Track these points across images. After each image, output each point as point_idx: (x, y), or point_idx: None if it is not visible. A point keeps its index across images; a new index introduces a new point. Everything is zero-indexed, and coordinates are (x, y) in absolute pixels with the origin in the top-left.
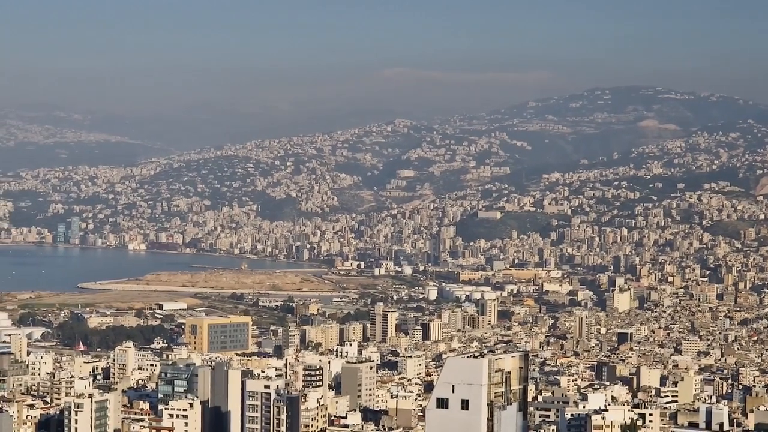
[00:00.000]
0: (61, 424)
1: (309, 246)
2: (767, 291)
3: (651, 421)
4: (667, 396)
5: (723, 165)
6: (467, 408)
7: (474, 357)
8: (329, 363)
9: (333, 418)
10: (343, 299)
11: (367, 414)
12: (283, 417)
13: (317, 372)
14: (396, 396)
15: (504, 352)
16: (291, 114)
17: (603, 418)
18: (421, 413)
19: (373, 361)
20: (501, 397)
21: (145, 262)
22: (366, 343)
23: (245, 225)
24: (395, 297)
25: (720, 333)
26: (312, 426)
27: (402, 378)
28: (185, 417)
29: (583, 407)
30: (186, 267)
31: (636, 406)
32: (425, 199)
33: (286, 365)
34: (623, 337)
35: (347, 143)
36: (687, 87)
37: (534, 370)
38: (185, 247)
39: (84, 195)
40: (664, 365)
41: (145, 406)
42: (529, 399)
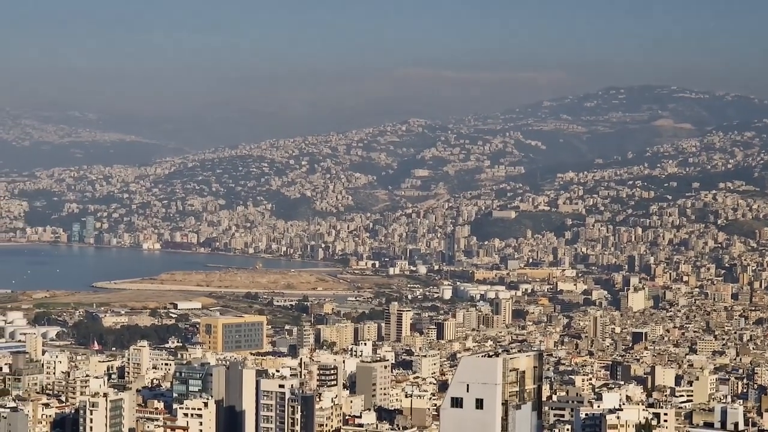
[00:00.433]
0: (76, 423)
1: (324, 245)
2: None
3: (666, 421)
4: (682, 395)
5: (738, 164)
6: (482, 407)
7: (488, 356)
8: (344, 362)
9: (347, 417)
10: (358, 298)
11: (382, 413)
12: (298, 416)
13: (332, 371)
14: (410, 395)
15: (518, 351)
16: (306, 113)
17: (618, 417)
18: (436, 412)
19: (388, 361)
20: (515, 397)
21: (160, 261)
22: (380, 343)
23: (260, 224)
24: (410, 296)
25: (735, 332)
26: (326, 425)
27: (416, 377)
28: (200, 416)
29: (598, 407)
30: (200, 266)
31: (651, 405)
32: (440, 199)
33: (300, 365)
34: (638, 337)
35: (362, 142)
36: (702, 86)
37: (548, 369)
38: (200, 247)
39: (99, 194)
40: (679, 365)
41: (160, 405)
42: (544, 398)
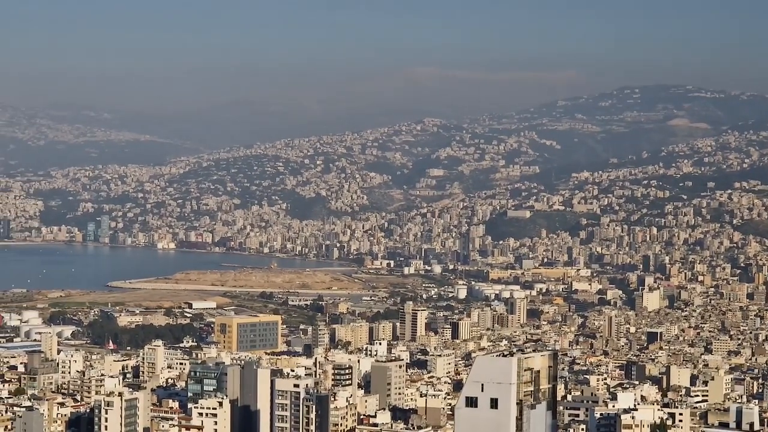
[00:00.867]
0: (91, 422)
1: (339, 245)
2: None
3: (681, 421)
4: (698, 395)
5: (754, 164)
6: (496, 407)
7: (503, 356)
8: (359, 362)
9: (362, 417)
10: (373, 298)
11: (397, 413)
12: (313, 416)
13: (347, 371)
14: (425, 395)
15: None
16: (321, 113)
17: (632, 417)
18: (451, 412)
19: (403, 360)
20: (530, 396)
21: (175, 260)
22: (395, 342)
23: (275, 224)
24: (425, 296)
25: (750, 332)
26: (341, 425)
27: (431, 377)
28: (214, 416)
29: (613, 406)
30: (215, 266)
31: (666, 405)
32: (455, 198)
33: (315, 364)
34: (653, 337)
35: (377, 142)
36: (718, 85)
37: (563, 369)
38: (214, 246)
39: (113, 194)
40: (694, 364)
41: (175, 404)
42: (559, 398)
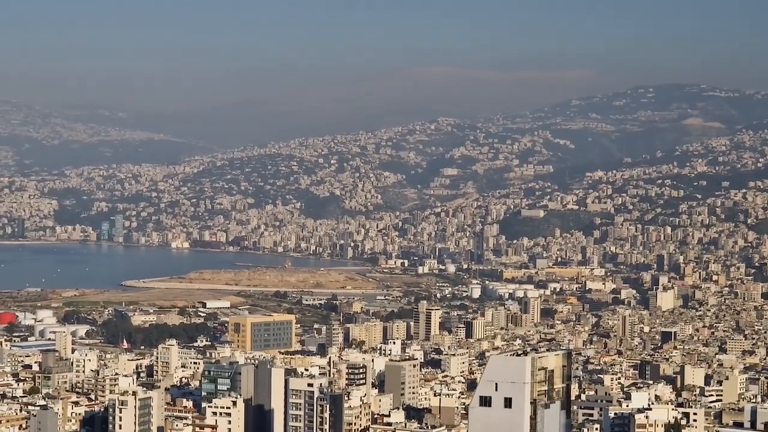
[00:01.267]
0: (106, 421)
1: (353, 244)
2: None
3: (695, 421)
4: (712, 395)
5: None
6: (510, 406)
7: (517, 355)
8: (372, 361)
9: (376, 416)
10: (387, 297)
11: (411, 412)
12: (327, 415)
13: (361, 370)
14: (439, 394)
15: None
16: (335, 112)
17: (646, 417)
18: (465, 411)
19: (417, 359)
20: (544, 396)
21: (189, 260)
22: (409, 341)
23: (289, 223)
24: (438, 295)
25: (765, 332)
26: (355, 424)
27: (445, 376)
28: (228, 415)
29: (627, 406)
30: (229, 265)
31: (680, 405)
32: (469, 198)
33: (329, 363)
34: (667, 336)
35: (391, 141)
36: (732, 84)
37: (577, 368)
38: (228, 246)
39: (127, 193)
40: (708, 364)
41: (189, 404)
42: (573, 397)
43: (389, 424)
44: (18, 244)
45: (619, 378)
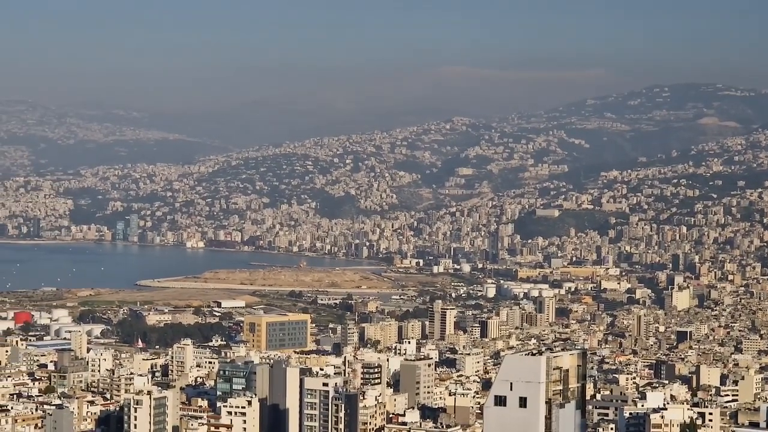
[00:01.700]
0: (121, 420)
1: (368, 244)
2: None
3: (711, 421)
4: (728, 395)
5: None
6: (525, 406)
7: (532, 355)
8: (388, 361)
9: (391, 415)
10: (402, 297)
11: (425, 411)
12: (342, 415)
13: (376, 370)
14: (454, 393)
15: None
16: (350, 112)
17: (662, 416)
18: (480, 411)
19: (432, 359)
20: (559, 395)
21: (203, 259)
22: (424, 341)
23: (304, 223)
24: (454, 294)
25: None
26: (370, 424)
27: (460, 375)
28: (243, 414)
29: (642, 406)
30: (244, 265)
31: (695, 405)
32: (484, 197)
33: (344, 363)
34: (682, 336)
35: (406, 141)
36: (747, 84)
37: (592, 368)
38: (243, 245)
39: (142, 193)
40: (724, 364)
41: (204, 403)
42: (588, 397)
43: (404, 423)
44: (33, 243)
45: (635, 378)
